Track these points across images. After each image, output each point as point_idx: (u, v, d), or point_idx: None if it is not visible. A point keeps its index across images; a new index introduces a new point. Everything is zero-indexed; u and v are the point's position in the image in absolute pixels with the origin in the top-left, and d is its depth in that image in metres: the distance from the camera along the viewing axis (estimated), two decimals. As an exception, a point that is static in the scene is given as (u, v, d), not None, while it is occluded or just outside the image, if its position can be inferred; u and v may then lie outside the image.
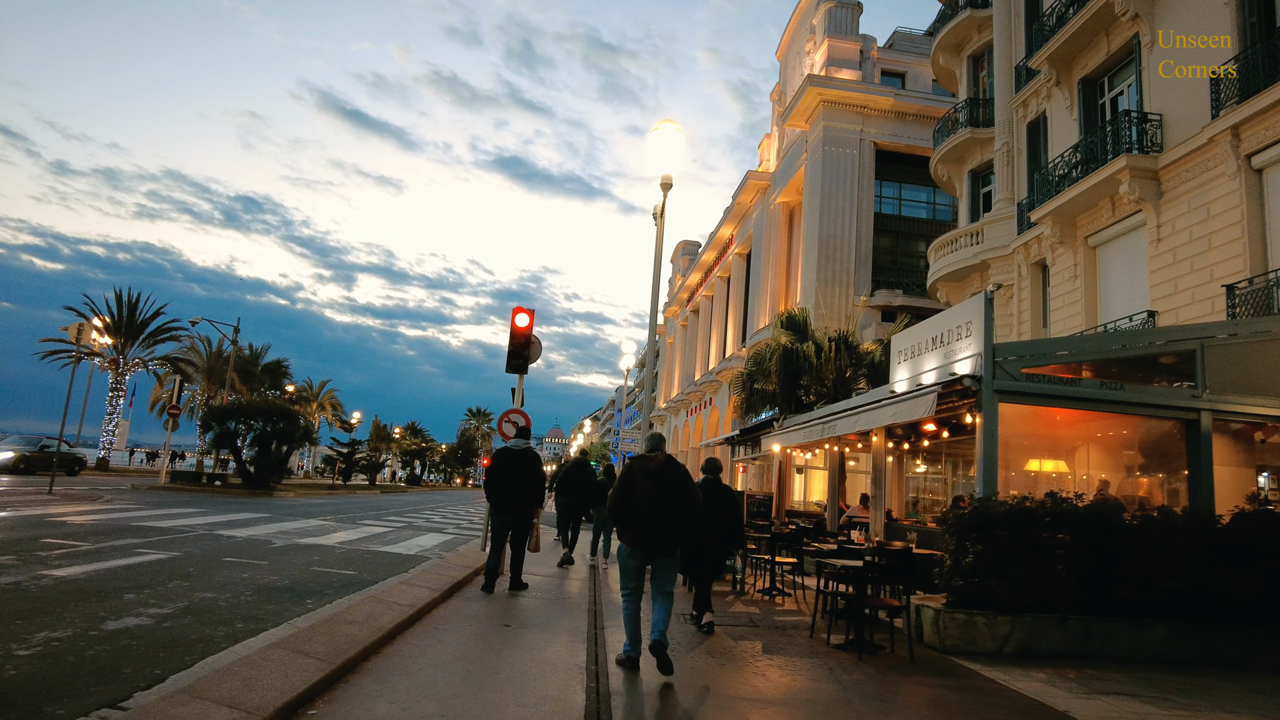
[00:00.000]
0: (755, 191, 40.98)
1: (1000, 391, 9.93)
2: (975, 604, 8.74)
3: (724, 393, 43.12)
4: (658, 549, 6.44)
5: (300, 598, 8.58)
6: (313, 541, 13.97)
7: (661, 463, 6.65)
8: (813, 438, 14.36)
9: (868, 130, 34.21)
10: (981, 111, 23.28)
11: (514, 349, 12.29)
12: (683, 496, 6.52)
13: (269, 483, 27.19)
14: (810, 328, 18.68)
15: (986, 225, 21.81)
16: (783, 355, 17.71)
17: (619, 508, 6.52)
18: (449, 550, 14.53)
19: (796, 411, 17.76)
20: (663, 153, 13.79)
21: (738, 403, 19.24)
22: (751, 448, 21.62)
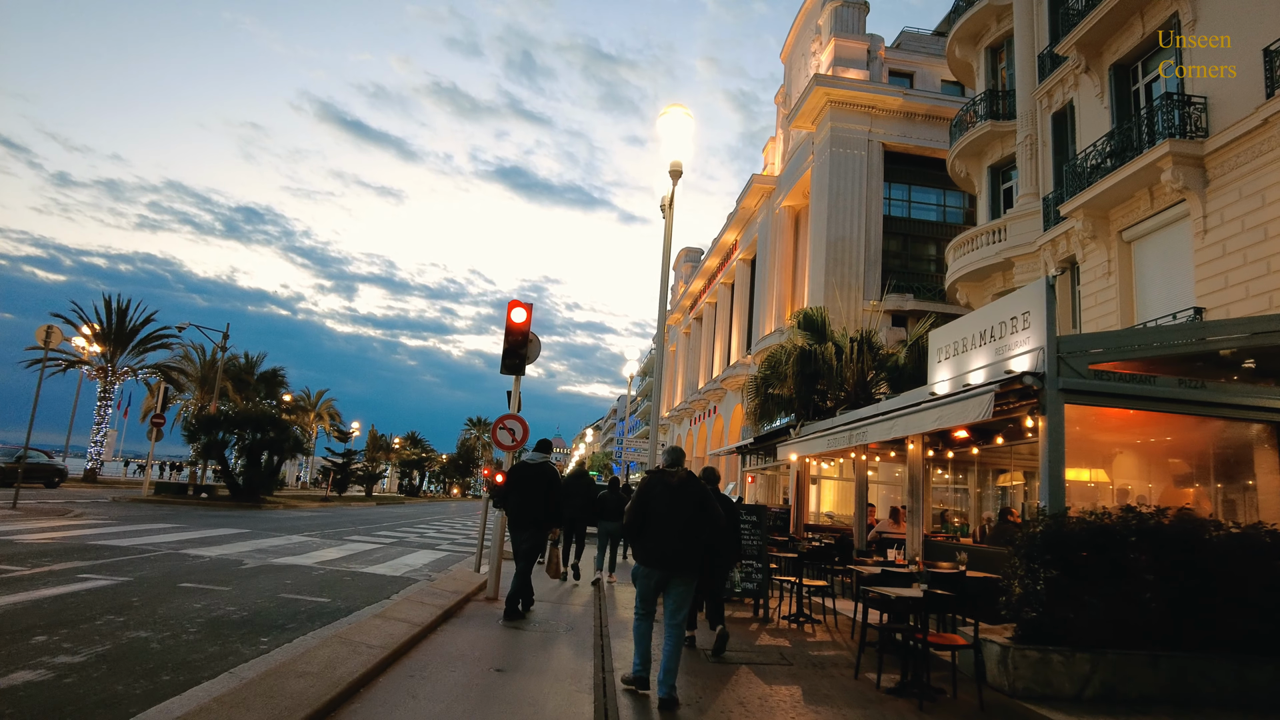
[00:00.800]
0: (760, 195, 39.69)
1: (1067, 391, 8.55)
2: (1049, 638, 7.32)
3: (729, 400, 41.75)
4: (675, 566, 6.09)
5: (255, 634, 7.17)
6: (289, 561, 12.55)
7: (682, 479, 6.33)
8: (838, 445, 12.96)
9: (876, 131, 32.96)
10: (1002, 104, 21.96)
11: (510, 347, 10.90)
12: (702, 513, 6.24)
13: (258, 495, 25.76)
14: (829, 328, 17.29)
15: (1009, 222, 20.46)
16: (800, 357, 16.31)
17: (634, 523, 6.24)
18: (440, 570, 13.12)
19: (814, 418, 16.36)
20: (672, 138, 12.57)
21: (750, 409, 17.86)
22: (764, 457, 20.22)
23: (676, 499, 6.20)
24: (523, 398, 11.43)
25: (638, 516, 6.24)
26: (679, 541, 6.11)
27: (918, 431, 10.35)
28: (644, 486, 6.44)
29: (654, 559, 6.11)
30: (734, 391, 40.83)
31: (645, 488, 6.40)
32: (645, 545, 6.19)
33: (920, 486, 11.59)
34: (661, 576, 6.15)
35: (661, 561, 6.10)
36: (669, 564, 6.10)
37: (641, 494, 6.35)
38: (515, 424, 10.91)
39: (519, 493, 9.33)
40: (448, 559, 15.17)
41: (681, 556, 6.11)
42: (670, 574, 6.13)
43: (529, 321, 11.00)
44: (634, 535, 6.27)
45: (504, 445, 10.84)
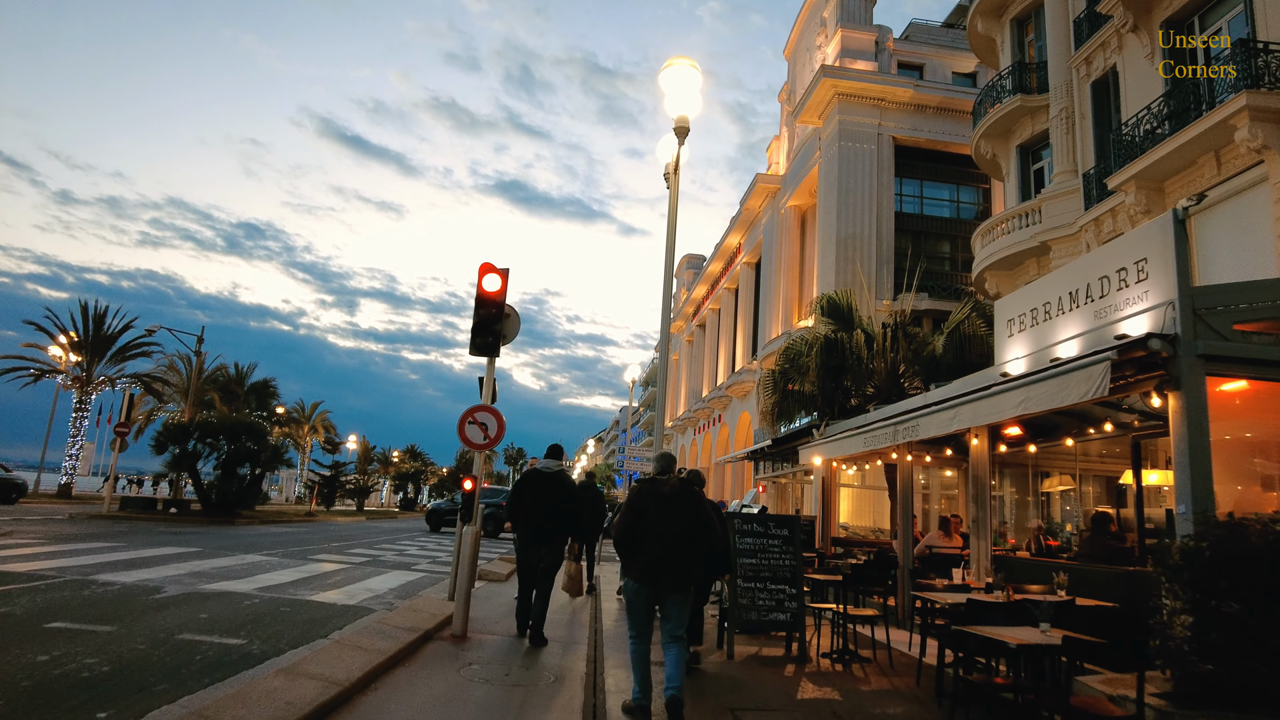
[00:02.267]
0: (764, 196, 37.54)
1: (1209, 359, 6.28)
2: (1229, 699, 5.02)
3: (734, 408, 39.47)
4: (670, 583, 5.61)
5: (92, 707, 4.87)
6: (222, 588, 10.22)
7: (674, 487, 5.82)
8: (879, 444, 10.67)
9: (886, 124, 30.83)
10: (1031, 78, 19.76)
11: (481, 322, 8.64)
12: (699, 524, 5.73)
13: (234, 510, 23.45)
14: (857, 314, 14.99)
15: (1045, 202, 18.22)
16: (824, 348, 14.01)
17: (625, 537, 5.70)
18: (406, 597, 10.81)
19: (839, 417, 14.05)
20: (677, 94, 10.53)
21: (766, 407, 15.53)
22: (778, 463, 17.92)
23: (670, 509, 5.68)
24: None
25: (629, 529, 5.68)
26: (674, 555, 5.59)
27: (993, 420, 8.05)
28: (634, 496, 5.87)
29: (647, 574, 5.58)
30: (740, 399, 38.56)
31: (635, 498, 5.83)
32: (637, 560, 5.63)
33: (985, 491, 9.27)
34: (655, 593, 5.62)
35: (655, 577, 5.57)
36: (664, 579, 5.58)
37: (632, 504, 5.79)
38: (489, 418, 8.62)
39: (532, 503, 8.20)
40: (421, 582, 12.84)
41: (677, 571, 5.59)
42: (665, 590, 5.60)
43: (504, 290, 8.75)
44: (630, 551, 5.69)
45: (474, 444, 8.56)
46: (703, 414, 45.77)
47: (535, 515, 8.16)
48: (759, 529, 8.75)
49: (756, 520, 8.80)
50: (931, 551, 10.77)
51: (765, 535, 8.73)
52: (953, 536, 11.15)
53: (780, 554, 8.70)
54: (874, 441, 10.97)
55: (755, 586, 8.55)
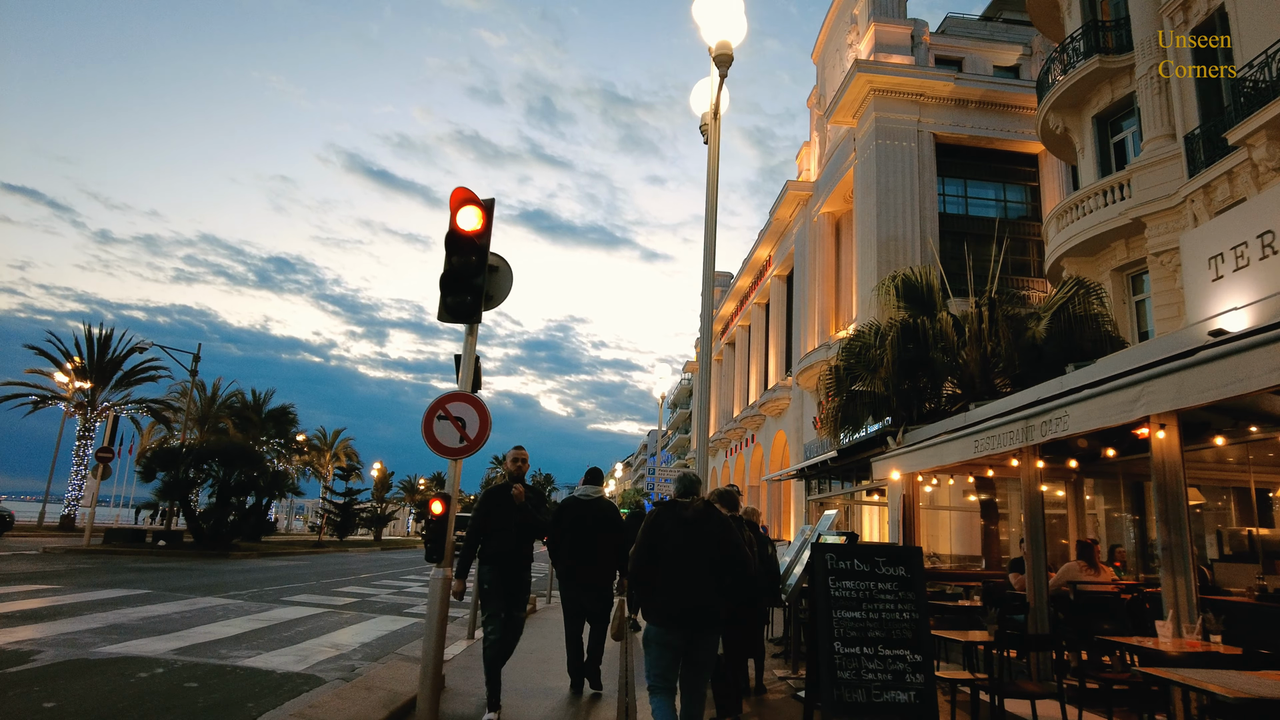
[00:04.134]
0: (795, 204, 34.74)
1: None
2: None
3: (768, 428, 36.41)
4: (698, 623, 4.49)
5: None
6: (128, 649, 7.42)
7: (698, 510, 4.72)
8: (998, 448, 7.71)
9: (925, 120, 28.04)
10: (1108, 37, 16.84)
11: (455, 272, 5.86)
12: (727, 553, 4.64)
13: (229, 542, 20.77)
14: (939, 293, 12.02)
15: (1135, 174, 15.22)
16: (901, 335, 11.04)
17: (643, 570, 4.62)
18: (378, 656, 7.97)
19: (920, 421, 11.07)
20: (714, 19, 7.86)
21: (827, 412, 12.53)
22: (837, 481, 14.89)
23: (693, 536, 4.60)
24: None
25: (648, 561, 4.58)
26: (701, 591, 4.50)
27: (1223, 394, 5.07)
28: (651, 523, 4.70)
29: (671, 616, 4.46)
30: (774, 417, 35.57)
31: (653, 524, 4.67)
32: (661, 597, 4.49)
33: (1181, 505, 6.23)
34: (682, 638, 4.48)
35: (681, 618, 4.46)
36: (690, 621, 4.47)
37: (649, 532, 4.66)
38: (466, 411, 5.79)
39: (574, 537, 6.99)
40: (407, 632, 9.97)
41: (705, 611, 4.50)
42: (693, 633, 4.49)
43: (488, 229, 5.94)
44: (649, 587, 4.58)
45: (444, 447, 5.73)
46: (734, 434, 42.73)
47: (577, 550, 6.98)
48: (861, 568, 5.81)
49: (856, 555, 5.87)
50: (1076, 590, 7.71)
51: (871, 577, 5.79)
52: (1099, 569, 8.09)
53: (896, 604, 5.74)
54: (989, 445, 7.99)
55: (861, 653, 5.59)
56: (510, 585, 6.16)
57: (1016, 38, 30.79)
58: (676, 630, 4.50)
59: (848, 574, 5.77)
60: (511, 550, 6.23)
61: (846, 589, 5.73)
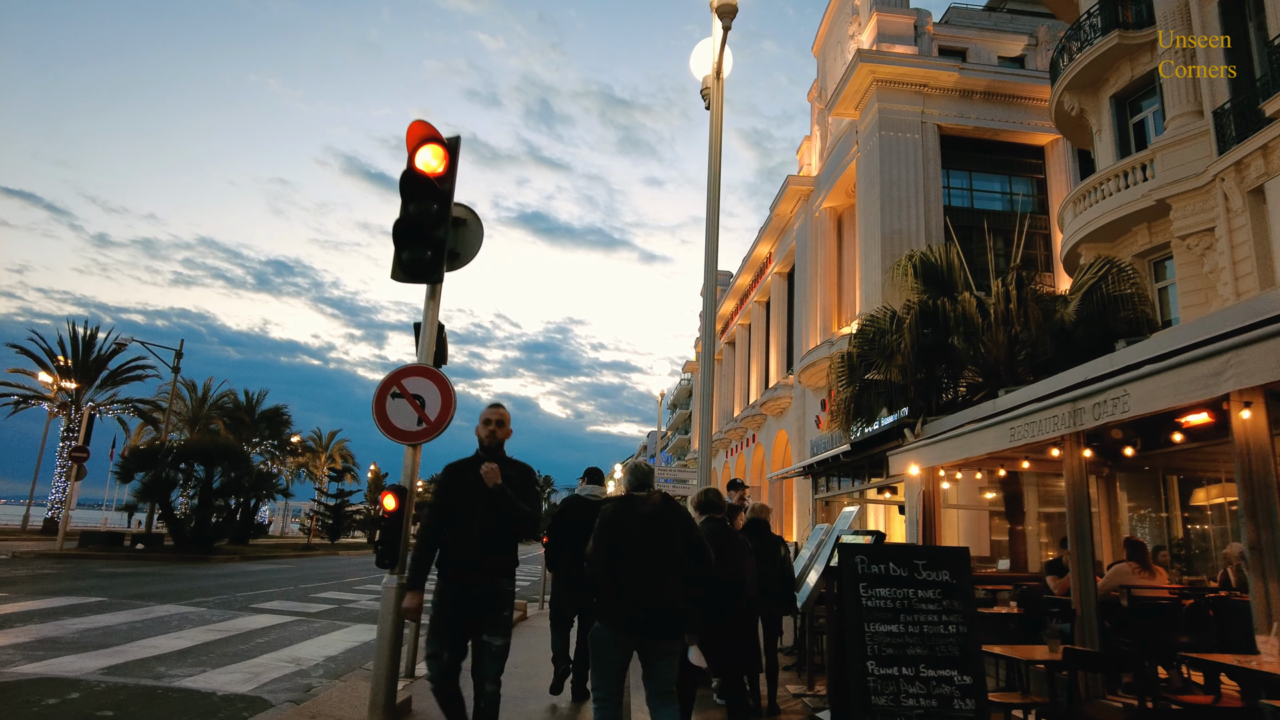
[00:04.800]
0: (796, 199, 33.79)
1: None
2: None
3: (769, 427, 35.44)
4: (661, 626, 4.07)
5: None
6: (47, 668, 6.43)
7: (657, 505, 4.30)
8: (1038, 435, 6.74)
9: (929, 111, 27.10)
10: (1126, 12, 15.87)
11: (412, 220, 4.87)
12: (692, 551, 4.24)
13: (211, 544, 19.75)
14: (961, 273, 11.03)
15: (1159, 153, 14.24)
16: (919, 318, 10.04)
17: (603, 571, 4.14)
18: (341, 673, 6.97)
19: (939, 412, 10.08)
20: None
21: (839, 403, 11.53)
22: (847, 478, 13.88)
23: (653, 533, 4.19)
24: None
25: (607, 561, 4.14)
26: (666, 592, 4.08)
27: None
28: (608, 519, 4.27)
29: (634, 621, 4.03)
30: (775, 417, 34.60)
31: (611, 521, 4.25)
32: (620, 601, 4.07)
33: (1274, 496, 5.25)
34: (637, 644, 4.07)
35: (643, 623, 4.03)
36: (653, 625, 4.04)
37: (606, 529, 4.22)
38: (426, 387, 4.83)
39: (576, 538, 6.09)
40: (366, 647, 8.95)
41: (669, 614, 4.08)
42: (652, 639, 4.08)
43: (450, 170, 4.97)
44: (609, 589, 4.11)
45: (399, 431, 4.76)
46: (735, 435, 41.74)
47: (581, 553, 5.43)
48: (898, 573, 4.83)
49: (891, 558, 4.88)
50: (1130, 594, 6.71)
51: (910, 583, 4.81)
52: (1153, 571, 7.09)
53: (940, 615, 4.75)
54: (1028, 432, 7.01)
55: (900, 674, 4.61)
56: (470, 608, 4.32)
57: (1021, 28, 29.93)
58: (633, 636, 4.11)
59: (882, 580, 4.79)
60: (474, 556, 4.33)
61: (881, 598, 4.74)
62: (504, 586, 4.45)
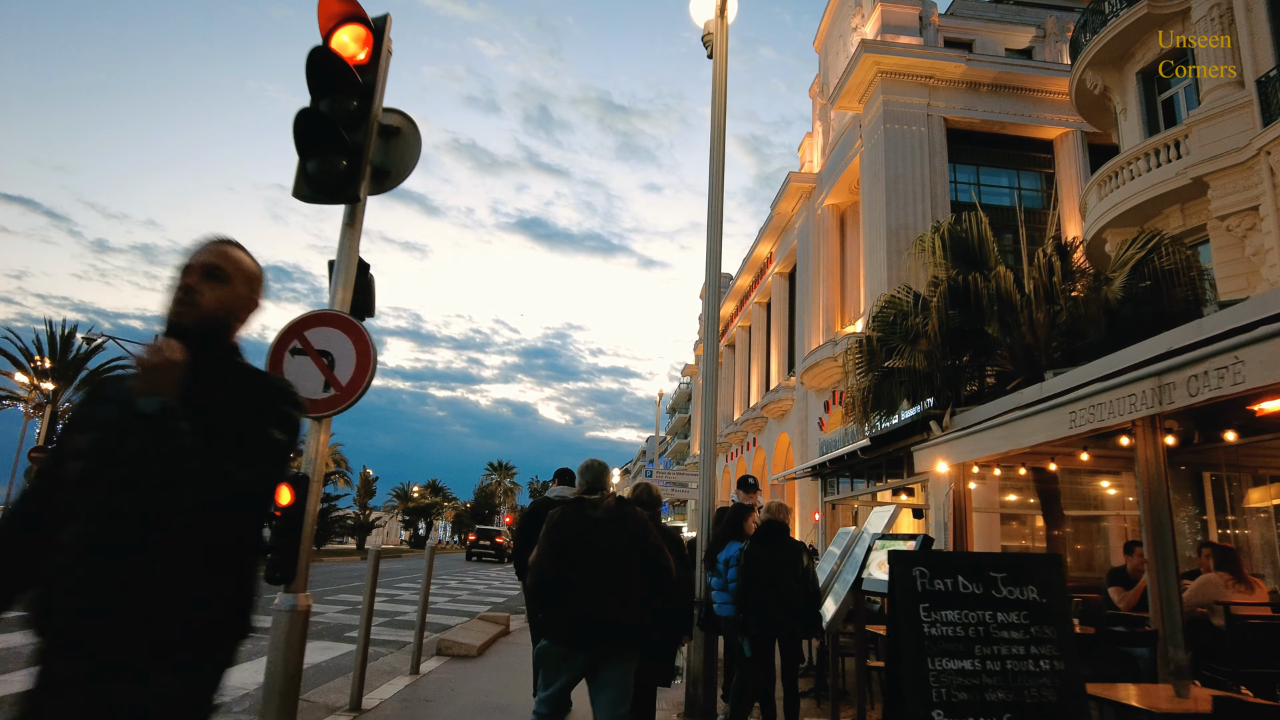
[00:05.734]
0: (798, 197, 32.61)
1: None
2: None
3: (770, 430, 34.21)
4: (611, 640, 3.71)
5: None
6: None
7: (610, 509, 3.91)
8: (1117, 417, 5.50)
9: (935, 104, 25.94)
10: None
11: (321, 119, 3.59)
12: (647, 558, 3.86)
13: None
14: (993, 246, 9.77)
15: (1195, 127, 13.04)
16: (948, 296, 8.78)
17: (546, 579, 3.81)
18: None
19: (969, 403, 8.81)
20: None
21: (856, 393, 10.25)
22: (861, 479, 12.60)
23: (606, 538, 3.81)
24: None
25: (552, 568, 3.78)
26: (617, 602, 3.70)
27: None
28: (555, 523, 3.88)
29: (581, 632, 3.66)
30: (776, 419, 33.40)
31: (559, 525, 3.86)
32: (566, 613, 3.70)
33: None
34: (586, 659, 3.72)
35: (589, 635, 3.67)
36: (602, 637, 3.68)
37: (553, 533, 3.85)
38: (337, 340, 3.57)
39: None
40: (336, 663, 7.73)
41: (621, 626, 3.70)
42: (602, 653, 3.72)
43: (374, 57, 3.70)
44: (554, 599, 3.76)
45: (307, 404, 3.42)
46: (735, 439, 40.46)
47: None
48: (969, 588, 3.56)
49: (961, 570, 3.61)
50: (1229, 612, 5.43)
51: (987, 603, 3.55)
52: (1250, 584, 5.80)
53: (1028, 646, 3.48)
54: (1093, 417, 5.77)
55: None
56: None
57: (1028, 19, 28.82)
58: (584, 648, 3.73)
59: (950, 599, 3.53)
60: None
61: (949, 624, 3.48)
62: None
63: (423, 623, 7.65)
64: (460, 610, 13.53)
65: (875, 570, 5.36)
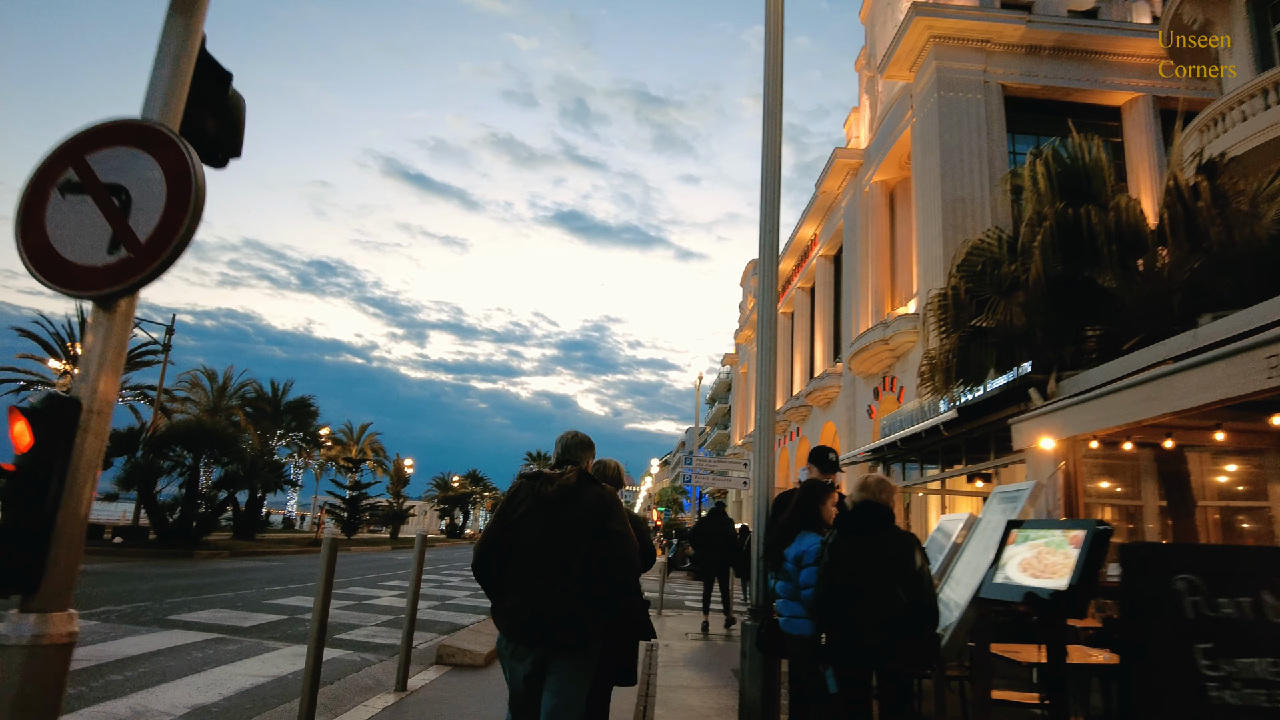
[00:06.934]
0: (844, 174, 30.66)
1: None
2: None
3: (815, 419, 32.38)
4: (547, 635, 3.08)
5: None
6: None
7: (565, 486, 3.22)
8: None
9: (992, 69, 23.83)
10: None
11: None
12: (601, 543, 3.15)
13: (198, 538, 17.33)
14: (1109, 172, 7.91)
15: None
16: (1056, 235, 6.96)
17: (479, 561, 3.27)
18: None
19: (1072, 368, 7.00)
20: None
21: (936, 355, 8.46)
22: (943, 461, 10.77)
23: (554, 520, 3.17)
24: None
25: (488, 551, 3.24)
26: (555, 594, 3.07)
27: None
28: (505, 498, 3.38)
29: (516, 625, 3.11)
30: (821, 408, 31.58)
31: (507, 501, 3.34)
32: (505, 603, 3.17)
33: None
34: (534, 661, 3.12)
35: (527, 629, 3.08)
36: (539, 634, 3.08)
37: (501, 510, 3.33)
38: (136, 165, 1.94)
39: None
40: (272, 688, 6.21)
41: (553, 619, 3.06)
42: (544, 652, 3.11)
43: None
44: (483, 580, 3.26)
45: (63, 264, 1.86)
46: (778, 428, 38.58)
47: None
48: None
49: (1262, 577, 1.89)
50: None
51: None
52: None
53: None
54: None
55: None
56: None
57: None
58: (526, 643, 3.12)
59: (1247, 634, 1.82)
60: None
61: (1256, 682, 1.77)
62: None
63: (411, 626, 6.13)
64: (481, 607, 12.08)
65: (1014, 571, 3.70)
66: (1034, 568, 3.43)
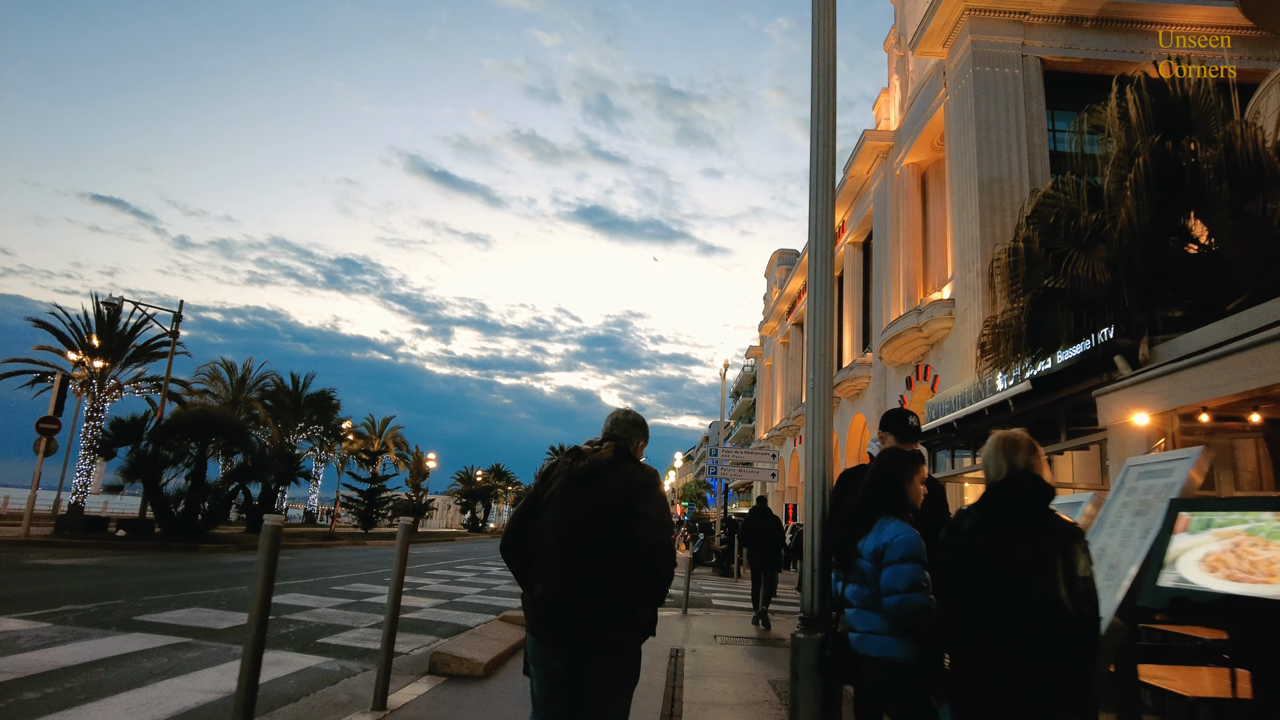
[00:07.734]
0: (874, 157, 29.39)
1: None
2: None
3: (844, 411, 31.16)
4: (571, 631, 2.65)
5: None
6: None
7: (597, 463, 2.81)
8: None
9: (1030, 43, 22.49)
10: None
11: None
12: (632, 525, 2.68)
13: (205, 531, 16.54)
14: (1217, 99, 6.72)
15: None
16: (1151, 174, 5.79)
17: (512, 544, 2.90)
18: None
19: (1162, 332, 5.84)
20: None
21: (996, 327, 7.26)
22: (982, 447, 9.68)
23: (582, 499, 2.75)
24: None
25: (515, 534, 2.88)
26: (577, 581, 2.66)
27: None
28: (539, 477, 3.02)
29: (541, 619, 2.72)
30: (850, 400, 30.37)
31: (540, 480, 3.00)
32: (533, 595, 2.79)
33: None
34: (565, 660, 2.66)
35: (552, 624, 2.68)
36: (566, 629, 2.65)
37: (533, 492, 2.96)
38: None
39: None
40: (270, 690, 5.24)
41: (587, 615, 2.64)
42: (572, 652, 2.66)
43: None
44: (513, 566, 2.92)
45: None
46: (803, 421, 37.41)
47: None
48: None
49: None
50: None
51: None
52: None
53: None
54: None
55: None
56: None
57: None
58: (549, 641, 2.68)
59: None
60: None
61: None
62: None
63: (393, 630, 5.16)
64: (492, 605, 11.10)
65: (1192, 570, 2.61)
66: (1229, 566, 2.37)
